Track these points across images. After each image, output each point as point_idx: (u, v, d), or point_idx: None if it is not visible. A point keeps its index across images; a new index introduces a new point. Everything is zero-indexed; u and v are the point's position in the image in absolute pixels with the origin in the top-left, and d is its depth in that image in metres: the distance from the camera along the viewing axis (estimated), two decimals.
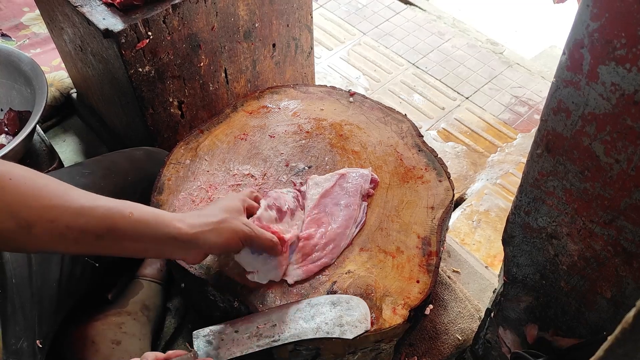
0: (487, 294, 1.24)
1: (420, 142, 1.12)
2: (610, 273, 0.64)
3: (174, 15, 1.07)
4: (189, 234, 0.75)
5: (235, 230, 0.78)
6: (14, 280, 0.83)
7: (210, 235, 0.76)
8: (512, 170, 1.65)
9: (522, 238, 0.73)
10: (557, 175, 0.62)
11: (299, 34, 1.40)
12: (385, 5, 2.25)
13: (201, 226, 0.76)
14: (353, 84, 1.92)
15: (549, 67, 1.99)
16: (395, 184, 1.04)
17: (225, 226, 0.78)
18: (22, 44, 1.82)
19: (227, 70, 1.27)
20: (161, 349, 1.12)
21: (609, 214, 0.59)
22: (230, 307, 0.91)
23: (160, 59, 1.11)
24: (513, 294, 0.82)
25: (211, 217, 0.78)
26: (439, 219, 0.99)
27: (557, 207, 0.65)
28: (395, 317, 0.86)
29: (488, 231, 1.49)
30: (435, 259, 0.93)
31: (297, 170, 1.06)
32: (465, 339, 1.13)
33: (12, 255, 0.85)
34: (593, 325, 0.72)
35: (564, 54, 0.53)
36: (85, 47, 1.22)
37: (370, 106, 1.20)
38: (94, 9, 1.07)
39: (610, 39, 0.48)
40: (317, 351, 0.87)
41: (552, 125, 0.58)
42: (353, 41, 2.10)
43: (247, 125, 1.15)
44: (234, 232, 0.78)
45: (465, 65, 1.98)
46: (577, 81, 0.53)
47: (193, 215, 0.78)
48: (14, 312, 0.81)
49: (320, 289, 0.89)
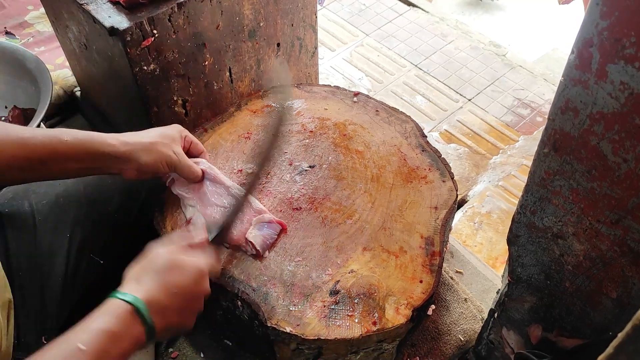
0: (490, 295, 1.24)
1: (424, 143, 1.12)
2: (616, 273, 0.64)
3: (179, 14, 1.08)
4: (121, 151, 0.83)
5: (164, 155, 0.87)
6: (20, 273, 0.84)
7: (141, 154, 0.85)
8: (514, 172, 1.65)
9: (528, 238, 0.73)
10: (563, 175, 0.62)
11: (303, 34, 1.40)
12: (388, 7, 2.25)
13: (133, 145, 0.85)
14: (355, 85, 1.93)
15: (551, 69, 1.99)
16: (399, 183, 1.04)
17: (156, 149, 0.86)
18: (26, 42, 1.82)
19: (232, 69, 1.27)
20: (163, 347, 1.12)
21: (616, 213, 0.59)
22: (232, 306, 0.91)
23: (165, 57, 1.11)
24: (517, 294, 0.82)
25: (145, 138, 0.87)
26: (442, 219, 0.99)
27: (563, 207, 0.65)
28: (398, 317, 0.86)
29: (490, 233, 1.49)
30: (438, 259, 0.93)
31: (300, 170, 1.06)
32: (467, 339, 1.13)
33: (18, 248, 0.85)
34: (598, 325, 0.72)
35: (573, 52, 0.53)
36: (90, 45, 1.22)
37: (374, 106, 1.20)
38: (100, 6, 1.07)
39: (619, 37, 0.48)
40: (319, 350, 0.87)
41: (560, 124, 0.58)
42: (356, 42, 2.10)
43: (251, 124, 1.15)
44: (162, 156, 0.87)
45: (468, 67, 1.99)
46: (585, 80, 0.53)
47: (127, 135, 0.86)
48: (19, 306, 0.82)
49: (323, 289, 0.89)
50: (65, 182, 0.96)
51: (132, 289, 0.69)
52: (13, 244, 0.86)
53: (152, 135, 0.88)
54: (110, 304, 0.66)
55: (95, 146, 0.81)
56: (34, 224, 0.89)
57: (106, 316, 0.65)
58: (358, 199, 1.01)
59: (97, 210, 0.95)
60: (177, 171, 0.91)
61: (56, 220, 0.91)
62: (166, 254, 0.74)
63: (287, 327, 0.84)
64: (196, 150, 0.97)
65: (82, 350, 0.60)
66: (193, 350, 1.11)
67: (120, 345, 0.64)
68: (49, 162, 0.78)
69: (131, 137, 0.86)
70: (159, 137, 0.88)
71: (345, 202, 1.01)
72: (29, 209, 0.90)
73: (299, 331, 0.84)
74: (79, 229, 0.92)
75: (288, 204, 1.00)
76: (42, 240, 0.89)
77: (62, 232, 0.91)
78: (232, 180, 1.04)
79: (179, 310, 0.72)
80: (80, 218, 0.93)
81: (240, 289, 0.88)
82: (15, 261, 0.84)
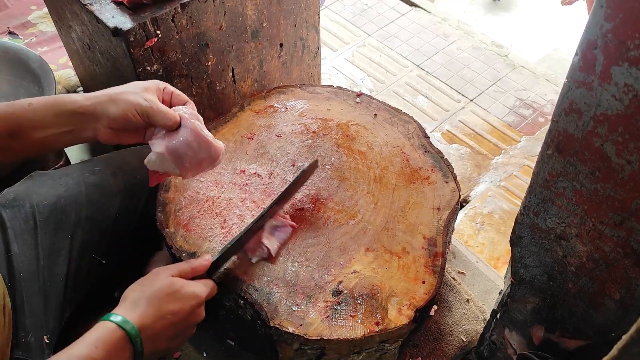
0: (492, 296, 1.24)
1: (427, 143, 1.12)
2: (619, 275, 0.64)
3: (182, 14, 1.08)
4: (86, 105, 0.77)
5: (133, 103, 0.78)
6: (22, 274, 0.84)
7: (108, 105, 0.78)
8: (516, 172, 1.65)
9: (531, 239, 0.73)
10: (567, 176, 0.62)
11: (306, 34, 1.40)
12: (390, 7, 2.25)
13: (98, 97, 0.78)
14: (358, 86, 1.93)
15: (553, 69, 1.99)
16: (402, 184, 1.04)
17: (123, 97, 0.78)
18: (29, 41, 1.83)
19: (235, 70, 1.27)
20: None
21: (620, 215, 0.59)
22: (235, 306, 0.91)
23: (168, 57, 1.11)
24: (520, 295, 0.82)
25: (112, 90, 0.80)
26: (444, 220, 0.99)
27: (567, 208, 0.65)
28: (400, 317, 0.86)
29: (491, 233, 1.49)
30: (441, 260, 0.94)
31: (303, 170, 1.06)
32: (469, 340, 1.13)
33: (20, 249, 0.85)
34: (600, 327, 0.72)
35: (577, 54, 0.53)
36: (93, 45, 1.22)
37: (376, 107, 1.20)
38: (103, 7, 1.07)
39: (623, 39, 0.48)
40: (321, 351, 0.87)
41: (563, 125, 0.58)
42: (358, 42, 2.10)
43: (253, 124, 1.15)
44: (132, 104, 0.78)
45: (470, 67, 1.99)
46: (589, 82, 0.53)
47: (96, 91, 0.80)
48: (22, 305, 0.82)
49: (326, 289, 0.89)
50: (67, 183, 0.96)
51: (127, 312, 0.69)
52: (14, 244, 0.86)
53: (122, 86, 0.81)
54: (102, 328, 0.67)
55: (59, 106, 0.77)
56: (35, 225, 0.89)
57: (96, 342, 0.65)
58: (361, 199, 1.01)
59: (98, 211, 0.95)
60: (150, 119, 0.80)
61: (57, 221, 0.91)
62: (166, 279, 0.74)
63: (289, 327, 0.84)
64: (179, 100, 0.87)
65: None
66: (196, 350, 1.11)
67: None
68: (18, 134, 0.75)
69: (98, 92, 0.80)
70: (128, 87, 0.81)
71: (348, 203, 1.01)
72: (30, 210, 0.90)
73: (302, 331, 0.84)
74: (80, 230, 0.92)
75: (291, 204, 1.00)
76: (43, 241, 0.88)
77: (63, 233, 0.91)
78: (236, 180, 1.04)
79: (170, 337, 0.73)
80: (82, 219, 0.93)
81: (243, 289, 0.89)
82: (17, 262, 0.84)
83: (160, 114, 0.80)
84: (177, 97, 0.86)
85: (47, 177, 0.96)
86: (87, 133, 0.80)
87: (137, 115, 0.79)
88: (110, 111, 0.78)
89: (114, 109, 0.78)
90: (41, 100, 0.77)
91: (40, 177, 0.96)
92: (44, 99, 0.77)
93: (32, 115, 0.75)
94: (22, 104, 0.75)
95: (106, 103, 0.78)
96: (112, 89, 0.81)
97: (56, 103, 0.77)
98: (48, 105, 0.76)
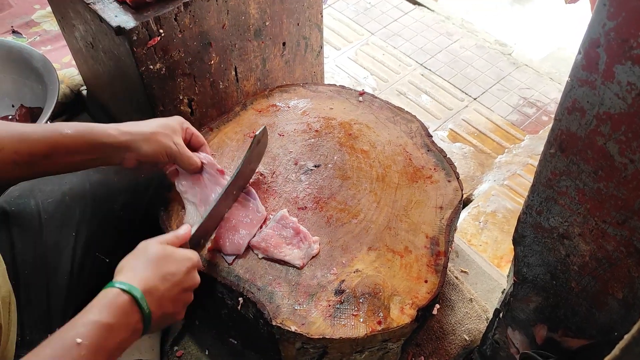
0: (495, 295, 1.24)
1: (429, 142, 1.12)
2: (622, 274, 0.63)
3: (185, 13, 1.08)
4: (121, 141, 0.83)
5: (164, 146, 0.87)
6: (26, 271, 0.84)
7: (142, 144, 0.85)
8: (519, 171, 1.64)
9: (533, 238, 0.73)
10: (570, 175, 0.62)
11: (309, 33, 1.40)
12: (393, 6, 2.25)
13: (133, 135, 0.85)
14: (361, 84, 1.93)
15: (557, 68, 1.99)
16: (404, 183, 1.04)
17: (156, 139, 0.86)
18: (33, 40, 1.83)
19: (237, 69, 1.27)
20: (169, 345, 1.12)
21: (623, 214, 0.58)
22: (237, 304, 0.92)
23: (171, 56, 1.11)
24: (523, 294, 0.82)
25: (145, 128, 0.86)
26: (447, 219, 0.99)
27: (570, 207, 0.64)
28: (403, 316, 0.86)
29: (495, 232, 1.49)
30: (443, 259, 0.93)
31: (305, 169, 1.06)
32: (472, 339, 1.13)
33: (24, 246, 0.86)
34: (603, 326, 0.72)
35: (580, 53, 0.52)
36: (96, 44, 1.23)
37: (379, 106, 1.20)
38: (106, 6, 1.07)
39: (626, 38, 0.47)
40: (324, 350, 0.88)
41: (566, 124, 0.58)
42: (361, 41, 2.10)
43: (256, 123, 1.15)
44: (162, 147, 0.86)
45: (474, 66, 1.98)
46: (592, 80, 0.52)
47: (128, 125, 0.86)
48: (26, 303, 0.82)
49: (328, 288, 0.89)
50: (71, 181, 0.96)
51: (128, 278, 0.69)
52: (19, 242, 0.86)
53: (153, 125, 0.87)
54: (107, 294, 0.67)
55: (95, 137, 0.82)
56: (39, 222, 0.90)
57: (103, 307, 0.65)
58: (363, 198, 1.01)
59: (102, 209, 0.96)
60: (176, 162, 0.91)
61: (62, 218, 0.92)
62: (156, 245, 0.75)
63: (292, 326, 0.84)
64: (197, 142, 0.96)
65: (79, 344, 0.61)
66: (198, 349, 1.12)
67: (117, 335, 0.65)
68: (52, 156, 0.79)
69: (132, 127, 0.86)
70: (159, 127, 0.87)
71: (351, 202, 1.01)
72: (35, 207, 0.91)
73: (304, 330, 0.84)
74: (84, 227, 0.93)
75: (293, 203, 1.00)
76: (47, 239, 0.89)
77: (67, 230, 0.91)
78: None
79: (173, 299, 0.73)
80: (86, 216, 0.94)
81: (246, 288, 0.89)
82: (21, 259, 0.85)
83: (186, 160, 0.91)
84: (196, 139, 0.96)
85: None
86: (115, 161, 0.86)
87: (165, 157, 0.88)
88: (142, 149, 0.85)
89: (146, 148, 0.85)
90: (79, 128, 0.81)
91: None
92: (82, 128, 0.82)
93: (68, 142, 0.80)
94: (59, 130, 0.80)
95: (140, 142, 0.85)
96: (145, 126, 0.87)
97: (93, 134, 0.82)
98: (85, 134, 0.81)
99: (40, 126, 0.81)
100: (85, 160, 0.83)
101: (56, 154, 0.79)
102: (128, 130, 0.85)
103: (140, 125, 0.87)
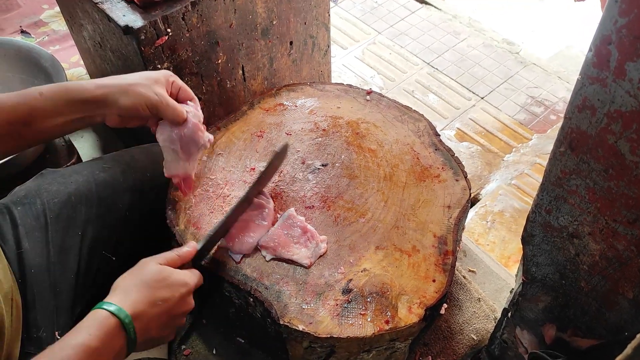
0: (503, 294, 1.24)
1: (437, 141, 1.11)
2: (632, 273, 0.63)
3: (193, 12, 1.08)
4: (97, 95, 0.79)
5: (143, 97, 0.81)
6: (32, 270, 0.84)
7: (119, 96, 0.80)
8: (527, 171, 1.64)
9: (542, 237, 0.73)
10: (580, 174, 0.61)
11: (316, 32, 1.40)
12: (400, 5, 2.24)
13: (110, 87, 0.80)
14: (368, 83, 1.92)
15: (565, 67, 1.97)
16: (412, 182, 1.04)
17: (134, 90, 0.81)
18: (41, 40, 1.85)
19: (245, 68, 1.27)
20: (176, 344, 1.12)
21: (633, 213, 0.58)
22: (245, 304, 0.92)
23: (178, 55, 1.11)
24: (532, 293, 0.82)
25: (123, 80, 0.82)
26: (455, 218, 0.98)
27: (579, 206, 0.64)
28: (410, 316, 0.86)
29: (502, 232, 1.48)
30: (451, 258, 0.93)
31: (313, 168, 1.06)
32: (480, 339, 1.12)
33: (30, 246, 0.86)
34: (613, 325, 0.72)
35: (590, 50, 0.52)
36: (104, 43, 1.23)
37: (387, 104, 1.19)
38: (114, 5, 1.08)
39: (638, 35, 0.47)
40: (331, 349, 0.87)
41: (577, 123, 0.58)
42: (368, 40, 2.09)
43: (263, 122, 1.15)
44: (142, 98, 0.81)
45: (481, 65, 1.97)
46: (603, 78, 0.52)
47: (106, 78, 0.82)
48: (33, 301, 0.83)
49: (335, 287, 0.89)
50: (77, 181, 0.96)
51: (119, 299, 0.69)
52: (25, 242, 0.87)
53: (133, 77, 0.83)
54: (97, 315, 0.67)
55: (71, 94, 0.78)
56: (45, 222, 0.90)
57: (90, 329, 0.66)
58: (371, 197, 1.01)
59: (108, 209, 0.96)
60: (159, 114, 0.84)
61: (68, 218, 0.92)
62: (154, 266, 0.75)
63: (299, 325, 0.84)
64: (185, 96, 0.89)
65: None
66: (206, 348, 1.12)
67: (102, 359, 0.65)
68: (32, 123, 0.76)
69: (109, 80, 0.82)
70: (139, 78, 0.83)
71: (358, 201, 1.01)
72: (41, 207, 0.91)
73: (312, 329, 0.84)
74: (90, 227, 0.93)
75: (301, 202, 1.00)
76: (54, 238, 0.89)
77: (73, 230, 0.91)
78: (246, 178, 1.04)
79: (161, 325, 0.73)
80: (92, 216, 0.94)
81: (253, 286, 0.89)
82: (27, 258, 0.85)
83: (169, 110, 0.84)
84: (184, 92, 0.89)
85: (57, 175, 0.97)
86: (96, 119, 0.82)
87: (146, 109, 0.82)
88: (120, 102, 0.80)
89: (124, 100, 0.80)
90: (52, 88, 0.78)
91: (51, 175, 0.97)
92: (55, 88, 0.78)
93: (43, 104, 0.76)
94: (33, 93, 0.76)
95: (117, 94, 0.80)
96: (123, 78, 0.82)
97: (67, 91, 0.78)
98: (59, 93, 0.78)
99: (13, 93, 0.77)
100: (67, 122, 0.79)
101: (34, 119, 0.76)
102: (104, 83, 0.81)
103: (119, 77, 0.83)
